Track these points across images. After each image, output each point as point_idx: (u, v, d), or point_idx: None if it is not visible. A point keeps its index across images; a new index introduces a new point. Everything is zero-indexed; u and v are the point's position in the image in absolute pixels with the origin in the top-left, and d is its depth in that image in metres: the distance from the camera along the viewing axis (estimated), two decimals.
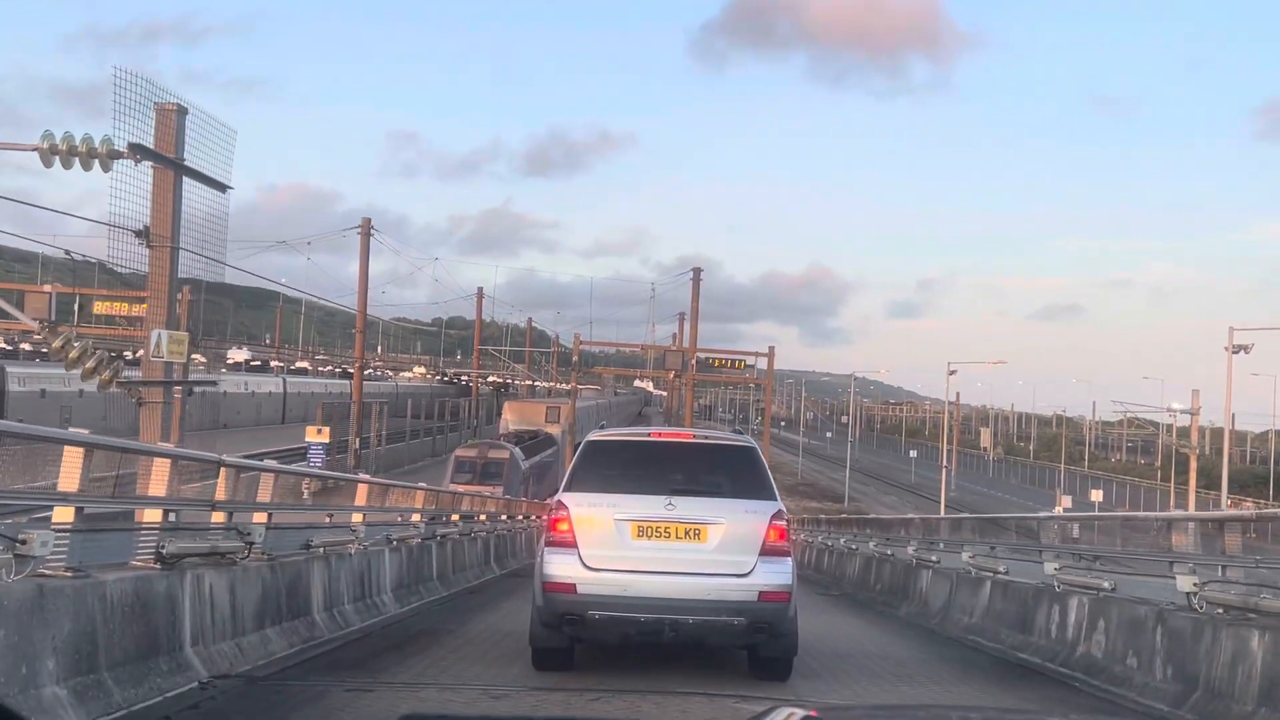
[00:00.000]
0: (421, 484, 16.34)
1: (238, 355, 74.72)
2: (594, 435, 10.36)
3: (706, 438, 10.71)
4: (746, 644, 9.82)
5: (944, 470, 56.64)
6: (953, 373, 54.49)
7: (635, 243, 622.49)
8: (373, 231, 58.83)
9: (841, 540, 25.07)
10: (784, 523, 9.57)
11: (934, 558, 17.00)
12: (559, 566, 9.23)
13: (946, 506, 79.40)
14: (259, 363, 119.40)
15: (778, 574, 9.35)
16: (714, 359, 47.23)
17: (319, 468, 47.80)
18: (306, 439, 51.82)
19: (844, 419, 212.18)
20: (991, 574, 14.28)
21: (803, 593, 22.74)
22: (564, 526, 9.29)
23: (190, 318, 32.55)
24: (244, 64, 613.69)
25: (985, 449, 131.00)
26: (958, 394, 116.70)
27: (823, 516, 32.07)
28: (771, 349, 47.35)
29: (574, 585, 9.15)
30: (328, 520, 11.83)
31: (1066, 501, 58.52)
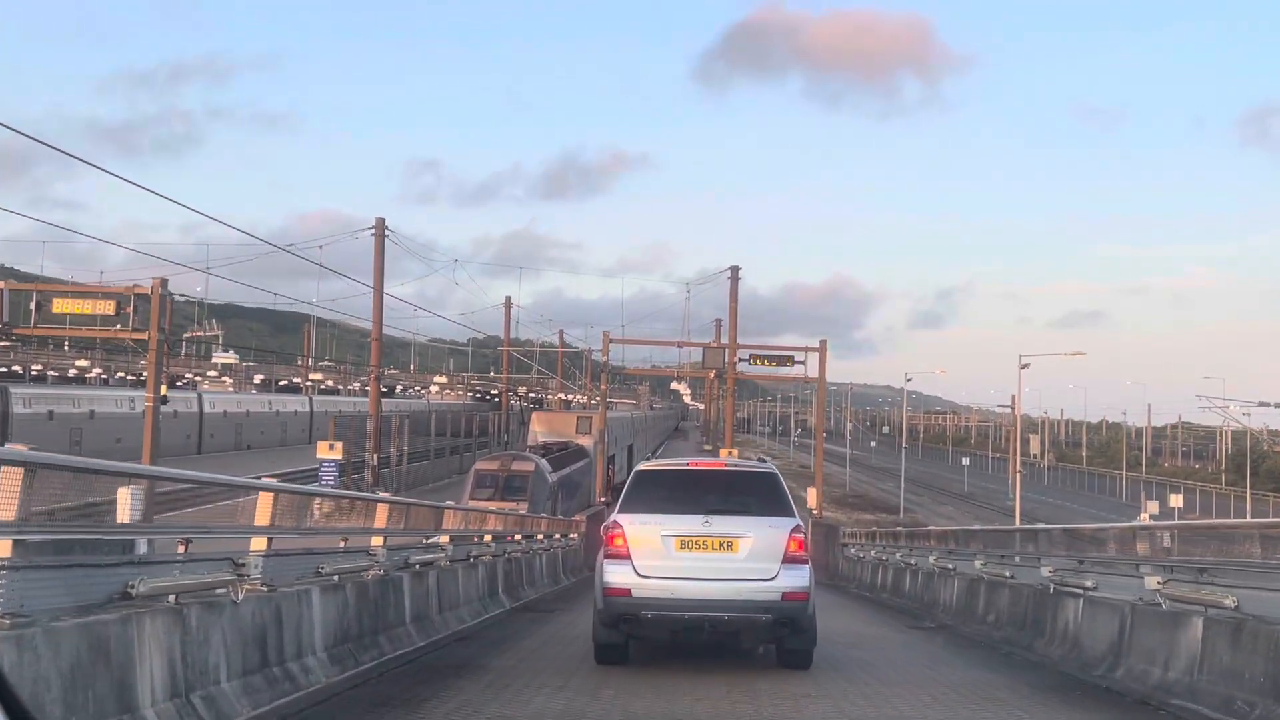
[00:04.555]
0: (384, 495, 12.01)
1: (224, 358, 70.84)
2: (642, 466, 12.00)
3: (736, 466, 12.50)
4: (774, 638, 11.10)
5: (1018, 476, 51.56)
6: (1025, 366, 49.57)
7: (657, 260, 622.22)
8: (387, 232, 55.08)
9: (931, 558, 20.49)
10: (802, 535, 10.88)
11: (1088, 582, 12.43)
12: (616, 575, 10.57)
13: (1007, 515, 74.38)
14: (285, 383, 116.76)
15: (798, 577, 10.68)
16: (756, 356, 42.56)
17: (331, 487, 43.76)
18: (318, 455, 47.80)
19: (885, 429, 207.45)
20: (1203, 608, 9.75)
21: (889, 627, 18.21)
22: (619, 542, 10.64)
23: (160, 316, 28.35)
24: (270, 99, 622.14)
25: (1035, 456, 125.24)
26: (1014, 396, 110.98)
27: (900, 529, 27.46)
28: (823, 343, 42.29)
29: (629, 590, 10.45)
30: (181, 551, 7.45)
31: (1154, 508, 53.37)
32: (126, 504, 11.40)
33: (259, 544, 8.28)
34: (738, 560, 10.49)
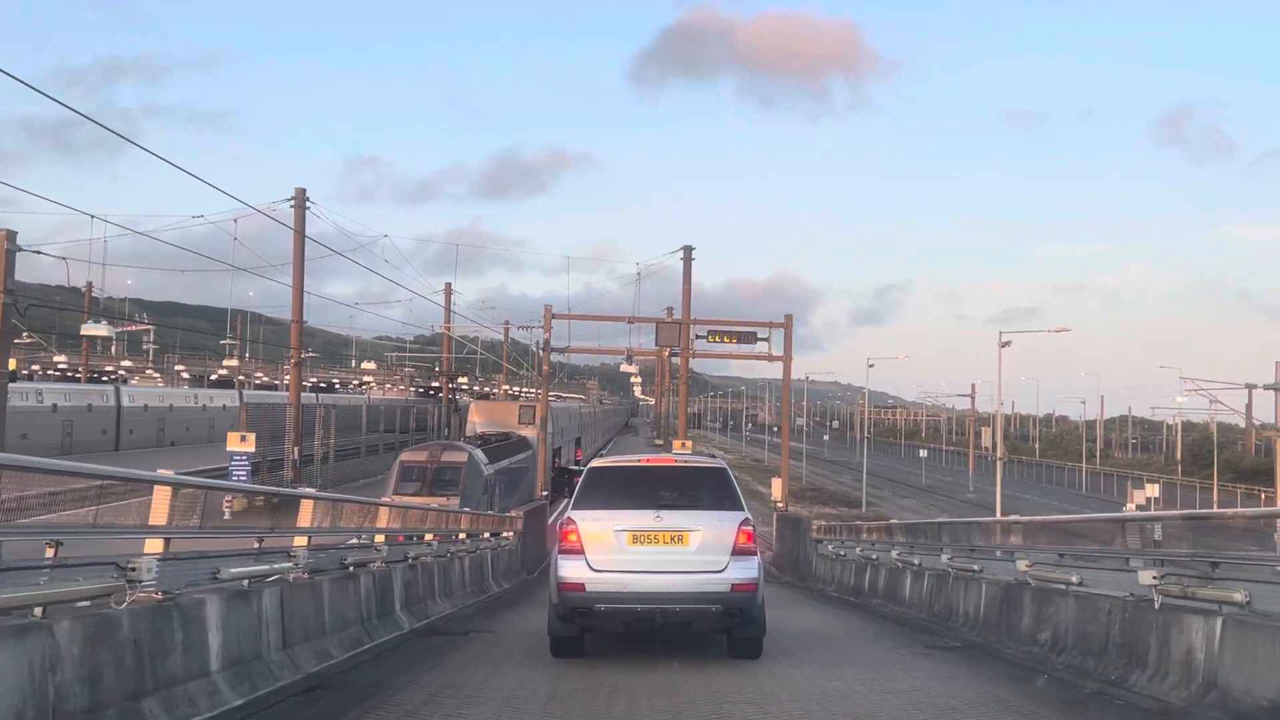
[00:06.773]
0: (164, 473, 7.72)
1: (95, 330, 65.30)
2: (596, 463, 12.28)
3: (686, 462, 12.62)
4: (724, 628, 11.42)
5: (999, 464, 47.90)
6: (1006, 344, 45.81)
7: (602, 257, 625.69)
8: (309, 205, 50.37)
9: (943, 558, 16.51)
10: (750, 528, 11.21)
11: (1237, 595, 8.46)
12: (570, 570, 10.85)
13: (971, 507, 71.38)
14: (216, 377, 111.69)
15: (746, 569, 10.99)
16: (715, 333, 38.39)
17: (245, 483, 39.05)
18: (228, 448, 42.95)
19: (834, 424, 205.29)
20: None
21: (903, 648, 14.08)
22: (573, 537, 10.93)
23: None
24: (207, 98, 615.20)
25: (986, 449, 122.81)
26: (973, 386, 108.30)
27: (894, 522, 23.54)
28: (789, 318, 38.32)
29: (583, 584, 10.76)
30: None
31: (1140, 498, 50.14)
32: None
33: None
34: (688, 553, 10.81)
